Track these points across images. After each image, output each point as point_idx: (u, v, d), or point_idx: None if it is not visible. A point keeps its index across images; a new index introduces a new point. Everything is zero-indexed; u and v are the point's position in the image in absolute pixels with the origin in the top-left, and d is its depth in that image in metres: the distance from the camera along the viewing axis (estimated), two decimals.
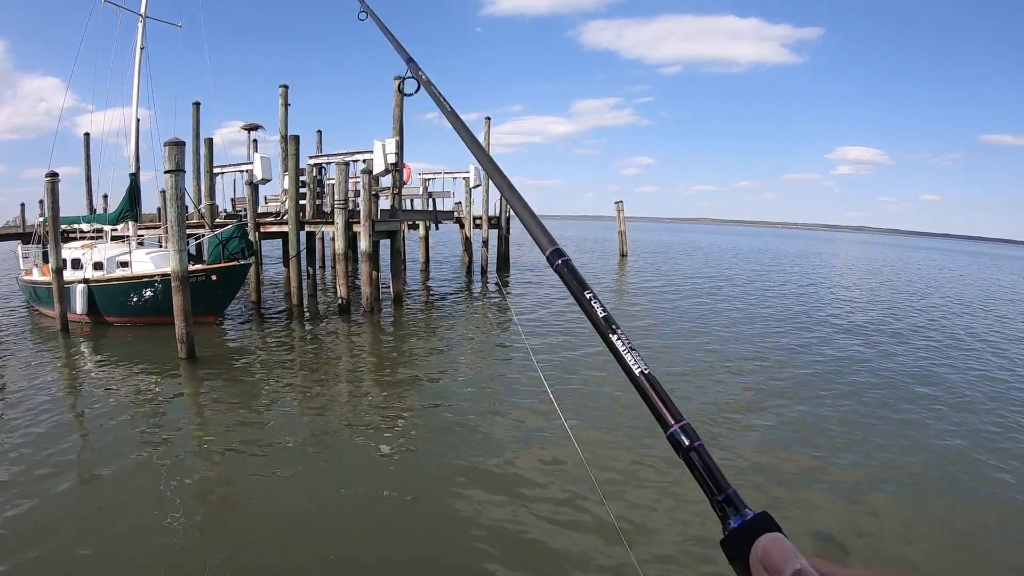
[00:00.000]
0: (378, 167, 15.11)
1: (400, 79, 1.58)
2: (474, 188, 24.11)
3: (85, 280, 13.62)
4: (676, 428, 0.68)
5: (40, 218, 16.16)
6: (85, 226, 15.98)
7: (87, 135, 23.04)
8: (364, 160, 15.63)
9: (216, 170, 19.15)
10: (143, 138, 15.61)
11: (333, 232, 15.14)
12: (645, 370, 0.73)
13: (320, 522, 5.13)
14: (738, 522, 0.58)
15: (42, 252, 15.10)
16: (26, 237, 19.13)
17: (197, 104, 19.99)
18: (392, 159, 15.16)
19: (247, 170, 17.98)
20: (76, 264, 14.11)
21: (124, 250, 14.30)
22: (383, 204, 17.25)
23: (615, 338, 0.76)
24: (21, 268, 16.53)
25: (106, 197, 22.91)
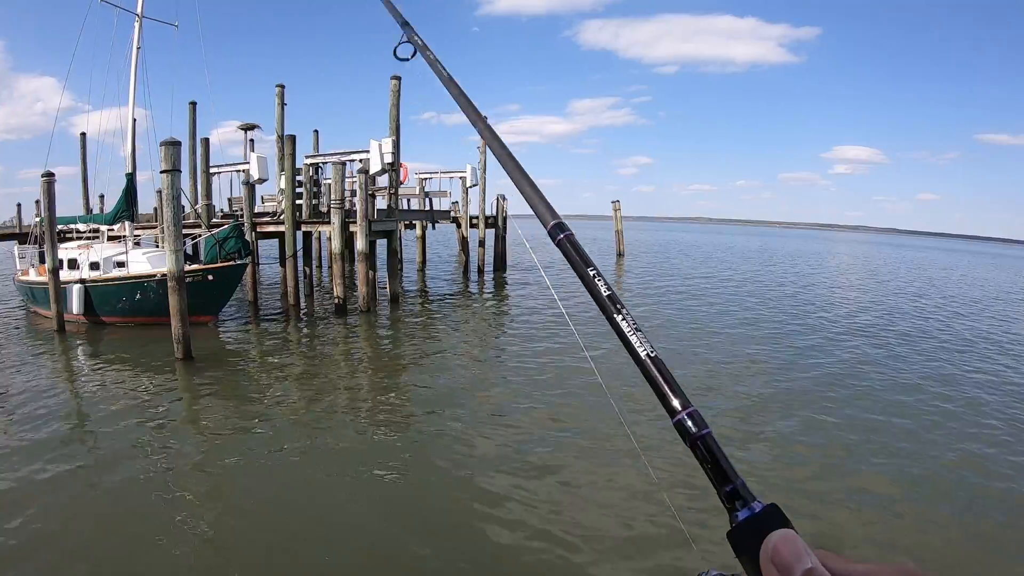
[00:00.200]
0: (374, 167, 15.15)
1: (395, 45, 1.48)
2: (471, 188, 24.13)
3: (82, 280, 13.64)
4: (683, 415, 0.64)
5: (36, 218, 16.14)
6: (82, 226, 15.97)
7: (83, 135, 23.05)
8: (361, 160, 15.68)
9: (212, 170, 19.19)
10: (140, 138, 15.67)
11: (330, 232, 15.17)
12: (651, 353, 0.69)
13: (319, 521, 5.17)
14: (746, 515, 0.56)
15: (39, 252, 15.10)
16: (22, 237, 19.16)
17: (193, 104, 20.03)
18: (388, 159, 15.21)
19: (244, 170, 18.01)
20: (73, 264, 14.12)
21: (121, 250, 14.32)
22: (380, 204, 17.31)
23: (620, 318, 0.72)
24: (17, 268, 16.51)
25: (103, 197, 22.91)
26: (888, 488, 5.98)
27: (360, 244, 14.71)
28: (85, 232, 16.23)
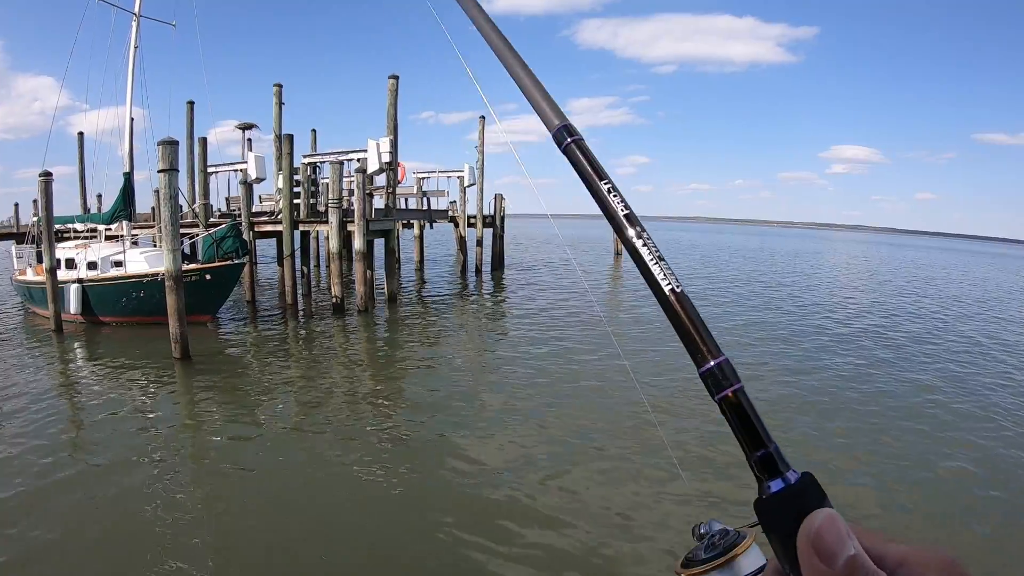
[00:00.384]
0: (372, 166, 15.14)
1: None
2: (468, 187, 24.13)
3: (79, 280, 13.60)
4: (713, 365, 0.55)
5: (34, 218, 16.11)
6: (79, 226, 15.95)
7: (81, 134, 23.02)
8: (358, 159, 15.66)
9: (210, 169, 19.15)
10: (137, 137, 15.65)
11: (327, 231, 15.17)
12: (677, 288, 0.58)
13: (319, 522, 5.16)
14: (780, 486, 0.49)
15: (36, 252, 15.06)
16: (20, 237, 19.13)
17: (191, 103, 19.98)
18: (386, 158, 15.20)
19: (241, 169, 18.00)
20: (70, 264, 14.09)
21: (118, 250, 14.29)
22: (377, 203, 17.27)
23: (640, 244, 0.60)
24: (15, 268, 16.49)
25: (100, 197, 22.90)
26: (894, 490, 5.99)
27: (358, 243, 14.70)
28: (83, 232, 16.20)
